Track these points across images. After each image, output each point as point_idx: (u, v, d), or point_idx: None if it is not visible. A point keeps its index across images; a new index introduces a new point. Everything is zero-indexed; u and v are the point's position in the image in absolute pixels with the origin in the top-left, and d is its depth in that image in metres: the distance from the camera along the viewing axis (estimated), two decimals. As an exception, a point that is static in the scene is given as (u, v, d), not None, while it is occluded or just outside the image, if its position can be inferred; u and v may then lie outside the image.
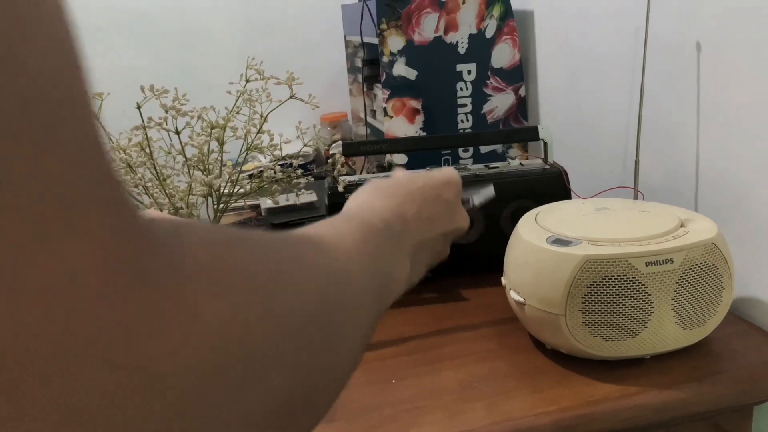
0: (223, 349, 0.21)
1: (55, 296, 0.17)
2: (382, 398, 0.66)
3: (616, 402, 0.63)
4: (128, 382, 0.18)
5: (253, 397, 0.23)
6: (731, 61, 0.78)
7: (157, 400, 0.19)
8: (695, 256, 0.65)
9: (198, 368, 0.20)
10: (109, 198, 0.19)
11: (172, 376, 0.19)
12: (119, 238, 0.19)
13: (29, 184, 0.17)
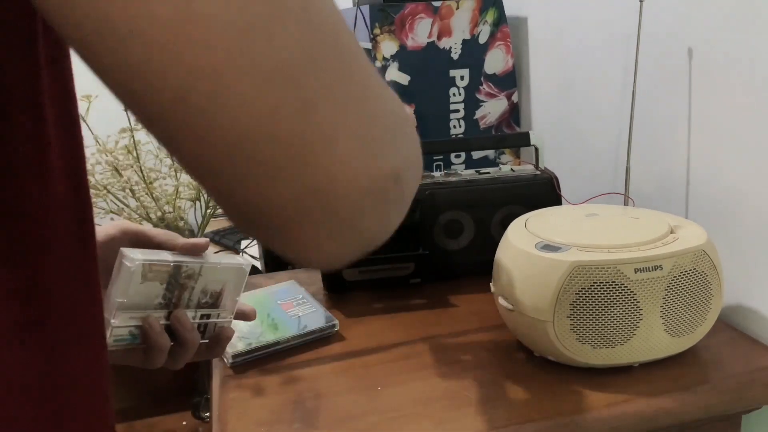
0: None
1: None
2: (367, 406, 0.65)
3: (603, 410, 0.62)
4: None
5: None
6: (723, 67, 0.78)
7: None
8: (684, 263, 0.65)
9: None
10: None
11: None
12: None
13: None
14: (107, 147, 0.77)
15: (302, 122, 0.26)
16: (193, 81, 0.24)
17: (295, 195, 0.27)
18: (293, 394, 0.68)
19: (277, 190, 0.27)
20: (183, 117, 0.25)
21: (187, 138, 0.25)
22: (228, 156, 0.26)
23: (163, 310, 0.53)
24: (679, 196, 0.86)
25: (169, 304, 0.54)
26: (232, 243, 2.00)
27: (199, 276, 0.54)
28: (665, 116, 0.87)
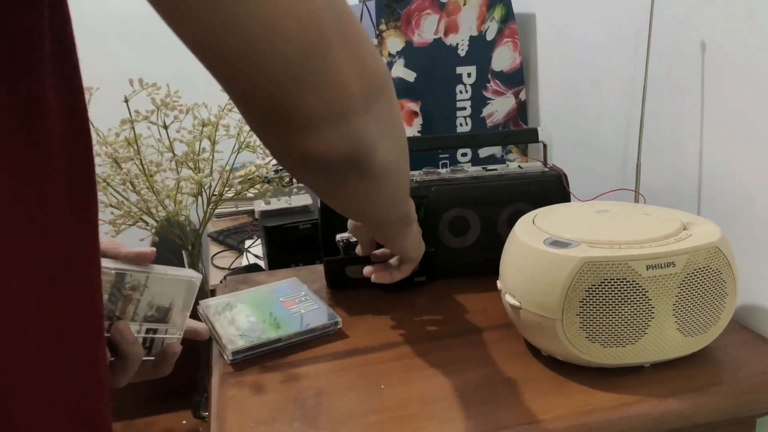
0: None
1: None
2: (369, 405, 0.63)
3: (613, 412, 0.60)
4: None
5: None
6: (737, 61, 0.76)
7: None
8: (698, 260, 0.63)
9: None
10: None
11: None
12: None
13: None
14: (107, 139, 0.76)
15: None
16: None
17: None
18: (293, 392, 0.66)
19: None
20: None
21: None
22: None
23: (106, 322, 0.50)
24: (690, 193, 0.83)
25: (112, 317, 0.51)
26: (235, 243, 1.98)
27: (145, 288, 0.51)
28: (676, 112, 0.85)
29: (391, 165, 0.49)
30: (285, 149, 0.41)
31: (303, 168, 0.44)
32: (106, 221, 0.80)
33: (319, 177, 0.46)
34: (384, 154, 0.46)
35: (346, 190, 0.48)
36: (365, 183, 0.48)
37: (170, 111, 0.77)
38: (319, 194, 0.52)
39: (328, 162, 0.42)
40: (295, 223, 1.32)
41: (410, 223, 0.71)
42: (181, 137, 0.82)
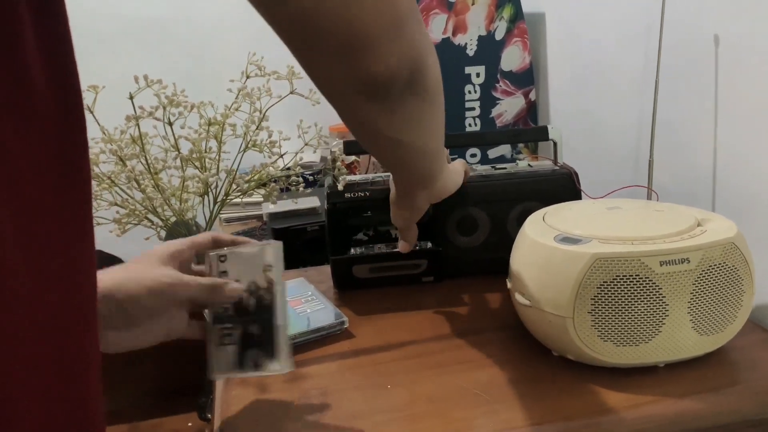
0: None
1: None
2: (375, 404, 0.62)
3: (626, 412, 0.58)
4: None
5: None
6: (751, 53, 0.74)
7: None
8: (714, 256, 0.61)
9: None
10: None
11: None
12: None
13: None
14: (111, 136, 0.75)
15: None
16: None
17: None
18: (299, 391, 0.65)
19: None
20: None
21: None
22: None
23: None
24: (705, 190, 0.82)
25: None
26: (244, 247, 1.98)
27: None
28: (689, 107, 0.83)
29: (439, 82, 0.53)
30: (351, 74, 0.44)
31: (367, 94, 0.46)
32: (109, 219, 0.79)
33: (380, 106, 0.48)
34: (433, 65, 0.50)
35: (402, 116, 0.51)
36: (420, 103, 0.51)
37: (175, 108, 0.76)
38: (373, 133, 0.53)
39: (393, 79, 0.45)
40: (303, 225, 1.31)
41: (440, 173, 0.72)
42: (187, 135, 0.81)
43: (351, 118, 0.52)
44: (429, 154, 0.63)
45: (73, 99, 0.33)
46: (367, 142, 0.57)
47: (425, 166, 0.66)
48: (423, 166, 0.65)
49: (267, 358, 0.55)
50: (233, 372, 0.56)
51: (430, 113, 0.55)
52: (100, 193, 0.81)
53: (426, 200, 0.75)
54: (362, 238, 0.89)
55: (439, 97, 0.55)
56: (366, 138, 0.56)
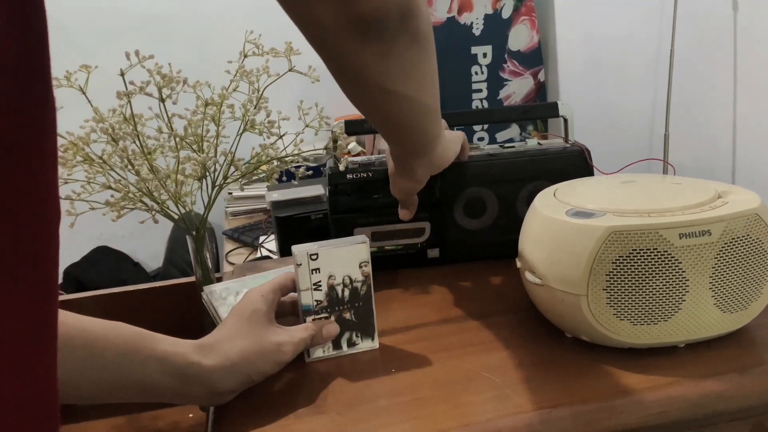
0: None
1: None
2: (379, 389, 0.59)
3: (645, 393, 0.55)
4: None
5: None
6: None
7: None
8: (736, 228, 0.57)
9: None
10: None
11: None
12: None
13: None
14: (103, 115, 0.72)
15: None
16: None
17: None
18: (298, 376, 0.62)
19: None
20: None
21: None
22: None
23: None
24: (724, 164, 0.78)
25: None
26: (250, 240, 1.96)
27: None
28: (707, 77, 0.79)
29: (431, 30, 0.52)
30: (343, 15, 0.42)
31: (358, 36, 0.45)
32: (101, 203, 0.77)
33: (372, 48, 0.47)
34: (425, 10, 0.49)
35: (396, 62, 0.50)
36: (415, 48, 0.50)
37: (167, 83, 0.73)
38: (364, 81, 0.52)
39: (384, 18, 0.44)
40: (307, 213, 1.28)
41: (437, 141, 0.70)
42: (181, 114, 0.78)
43: (340, 64, 0.50)
44: (424, 110, 0.60)
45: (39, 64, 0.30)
46: (359, 96, 0.55)
47: (421, 126, 0.63)
48: (419, 125, 0.63)
49: (362, 337, 0.66)
50: (329, 353, 0.65)
51: (424, 61, 0.53)
52: (93, 176, 0.78)
53: (425, 170, 0.72)
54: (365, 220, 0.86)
55: (431, 46, 0.54)
56: (357, 90, 0.53)
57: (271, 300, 0.62)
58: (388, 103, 0.55)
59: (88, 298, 0.96)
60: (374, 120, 0.62)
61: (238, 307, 0.62)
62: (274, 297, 0.63)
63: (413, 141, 0.67)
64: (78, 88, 0.79)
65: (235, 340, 0.57)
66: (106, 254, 2.37)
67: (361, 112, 0.62)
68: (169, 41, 1.87)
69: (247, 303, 0.61)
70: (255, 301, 0.61)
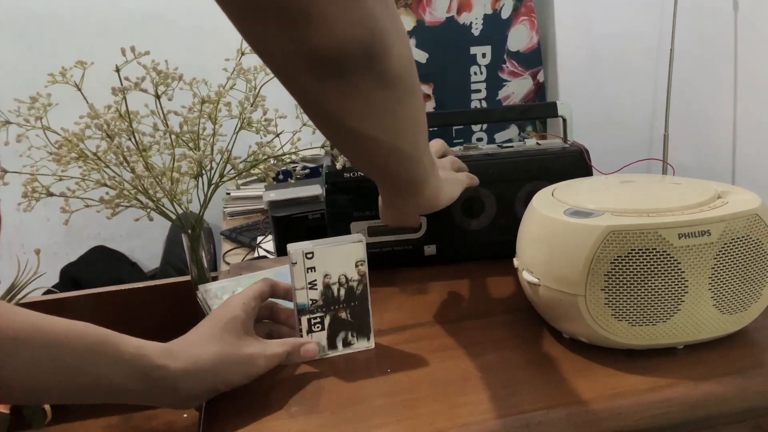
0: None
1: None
2: (374, 388, 0.58)
3: (644, 395, 0.54)
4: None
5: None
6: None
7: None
8: (736, 228, 0.57)
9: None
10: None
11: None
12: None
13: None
14: (98, 111, 0.72)
15: None
16: None
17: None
18: (294, 376, 0.61)
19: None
20: None
21: None
22: None
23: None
24: (724, 165, 0.77)
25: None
26: (248, 240, 1.95)
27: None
28: (707, 76, 0.79)
29: (408, 71, 0.48)
30: (297, 47, 0.39)
31: (315, 73, 0.41)
32: (95, 200, 0.76)
33: (332, 85, 0.43)
34: (398, 50, 0.45)
35: (363, 104, 0.46)
36: (384, 90, 0.46)
37: (162, 79, 0.73)
38: (330, 121, 0.48)
39: (343, 55, 0.40)
40: (305, 213, 1.27)
41: (427, 181, 0.64)
42: (177, 111, 0.77)
43: (304, 100, 0.46)
44: (402, 156, 0.55)
45: None
46: (330, 134, 0.51)
47: (399, 171, 0.58)
48: (397, 171, 0.58)
49: (358, 336, 0.65)
50: (325, 353, 0.64)
51: (399, 105, 0.49)
52: (88, 173, 0.77)
53: (411, 209, 0.68)
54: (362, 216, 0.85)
55: (410, 89, 0.49)
56: (326, 128, 0.50)
57: (251, 308, 0.61)
58: (360, 144, 0.52)
59: (82, 297, 0.95)
60: (350, 159, 0.59)
61: (216, 312, 0.60)
62: (255, 305, 0.62)
63: (393, 184, 0.62)
64: (73, 85, 0.78)
65: (206, 346, 0.56)
66: (103, 254, 2.36)
67: (337, 149, 0.59)
68: (167, 39, 1.87)
69: (226, 309, 0.60)
70: (234, 308, 0.60)
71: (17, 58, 2.03)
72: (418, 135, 0.55)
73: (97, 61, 0.78)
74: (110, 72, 0.77)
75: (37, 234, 2.13)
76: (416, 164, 0.59)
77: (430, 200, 0.66)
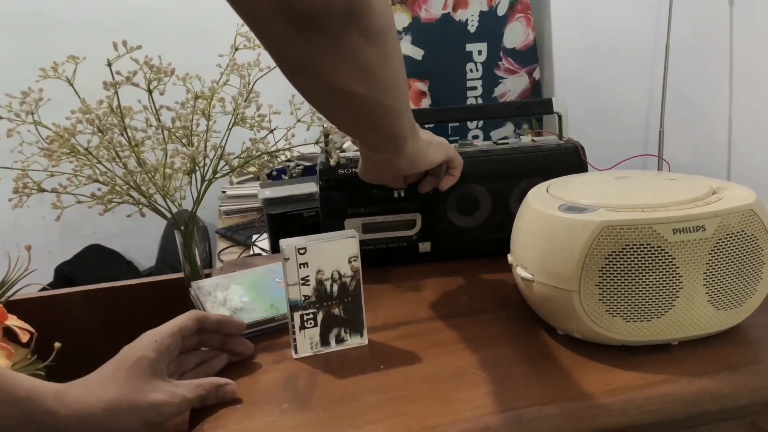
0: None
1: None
2: (367, 385, 0.58)
3: (637, 391, 0.54)
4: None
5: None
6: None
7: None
8: (731, 224, 0.56)
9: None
10: None
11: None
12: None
13: None
14: (89, 106, 0.71)
15: None
16: None
17: None
18: (285, 372, 0.61)
19: None
20: None
21: None
22: None
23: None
24: (720, 162, 0.77)
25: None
26: (243, 239, 1.94)
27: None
28: (703, 72, 0.78)
29: (390, 28, 0.49)
30: (281, 5, 0.39)
31: (300, 30, 0.42)
32: (87, 196, 0.75)
33: (319, 44, 0.44)
34: (379, 6, 0.45)
35: (351, 61, 0.47)
36: (368, 45, 0.47)
37: (155, 74, 0.72)
38: (318, 81, 0.48)
39: (326, 11, 0.41)
40: (300, 211, 1.27)
41: (409, 139, 0.65)
42: (169, 105, 0.77)
43: (286, 58, 0.46)
44: (387, 111, 0.57)
45: None
46: (308, 91, 0.51)
47: (386, 126, 0.59)
48: (382, 125, 0.59)
49: (351, 333, 0.64)
50: (317, 349, 0.64)
51: (381, 60, 0.50)
52: (80, 168, 0.77)
53: (393, 167, 0.69)
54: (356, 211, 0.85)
55: (392, 45, 0.50)
56: (306, 84, 0.50)
57: (165, 346, 0.55)
58: (347, 102, 0.52)
59: (76, 293, 0.94)
60: (332, 118, 0.59)
61: (125, 350, 0.55)
62: (171, 342, 0.56)
63: (375, 140, 0.63)
64: (66, 80, 0.78)
65: (103, 390, 0.51)
66: (98, 253, 2.35)
67: (313, 106, 0.59)
68: (163, 37, 1.86)
69: (135, 347, 0.55)
70: (144, 346, 0.54)
71: (10, 54, 2.02)
72: (400, 90, 0.56)
73: (91, 59, 0.78)
74: (104, 69, 0.77)
75: (32, 232, 2.12)
76: (399, 119, 0.60)
77: (410, 159, 0.68)
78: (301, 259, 0.62)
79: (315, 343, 0.64)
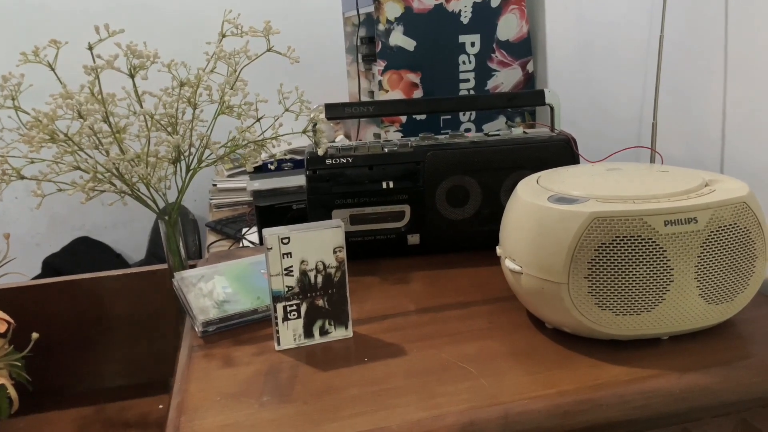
0: None
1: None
2: (350, 378, 0.56)
3: (626, 386, 0.52)
4: None
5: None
6: (766, 4, 0.68)
7: None
8: (724, 216, 0.55)
9: None
10: None
11: None
12: None
13: None
14: (70, 90, 0.69)
15: None
16: None
17: None
18: (266, 365, 0.59)
19: None
20: None
21: None
22: None
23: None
24: (713, 155, 0.76)
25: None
26: (233, 232, 1.92)
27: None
28: (697, 64, 0.77)
29: None
30: None
31: None
32: (68, 183, 0.74)
33: None
34: None
35: None
36: None
37: (137, 57, 0.70)
38: None
39: None
40: (289, 203, 1.25)
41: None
42: (152, 91, 0.75)
43: None
44: None
45: None
46: None
47: None
48: None
49: (335, 325, 0.63)
50: (301, 341, 0.62)
51: None
52: (60, 155, 0.75)
53: None
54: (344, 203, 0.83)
55: None
56: None
57: None
58: None
59: (56, 283, 0.93)
60: None
61: None
62: None
63: None
64: (47, 64, 0.76)
65: None
66: (87, 245, 2.32)
67: None
68: (155, 28, 1.84)
69: None
70: None
71: (1, 45, 1.99)
72: None
73: (79, 48, 0.76)
74: (91, 58, 0.75)
75: (20, 224, 2.09)
76: None
77: None
78: (284, 248, 0.60)
79: (298, 335, 0.62)
